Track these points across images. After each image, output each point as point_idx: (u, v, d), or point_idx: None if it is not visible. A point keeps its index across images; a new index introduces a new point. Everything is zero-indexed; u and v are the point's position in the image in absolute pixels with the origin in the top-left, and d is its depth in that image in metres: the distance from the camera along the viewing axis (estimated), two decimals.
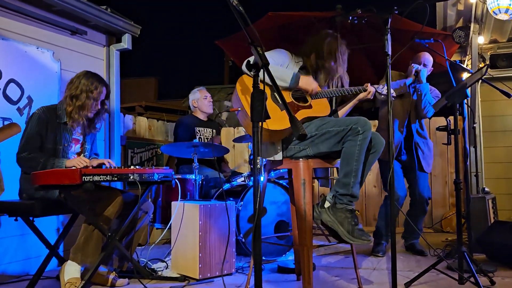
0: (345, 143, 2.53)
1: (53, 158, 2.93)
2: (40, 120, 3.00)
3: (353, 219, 2.49)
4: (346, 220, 2.49)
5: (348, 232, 2.47)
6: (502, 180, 5.80)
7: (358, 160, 2.51)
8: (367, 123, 2.52)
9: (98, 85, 3.07)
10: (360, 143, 2.49)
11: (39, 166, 2.86)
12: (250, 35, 1.87)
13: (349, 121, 2.55)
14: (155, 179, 3.01)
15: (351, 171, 2.51)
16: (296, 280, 3.16)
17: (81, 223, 2.96)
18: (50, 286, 3.11)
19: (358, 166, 2.51)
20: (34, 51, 3.64)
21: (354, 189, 2.53)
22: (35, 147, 2.95)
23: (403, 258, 3.82)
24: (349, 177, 2.52)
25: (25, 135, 2.99)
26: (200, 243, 3.19)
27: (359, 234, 2.45)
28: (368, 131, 2.51)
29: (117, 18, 4.25)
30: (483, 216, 3.99)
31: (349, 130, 2.51)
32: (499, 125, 5.88)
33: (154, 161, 5.49)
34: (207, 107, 4.77)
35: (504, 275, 3.17)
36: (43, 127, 3.00)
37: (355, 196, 2.54)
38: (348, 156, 2.52)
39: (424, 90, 3.86)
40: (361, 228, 2.48)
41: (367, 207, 5.97)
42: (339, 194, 2.54)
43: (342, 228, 2.49)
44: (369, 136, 2.53)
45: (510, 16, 4.20)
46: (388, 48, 2.47)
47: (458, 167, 2.99)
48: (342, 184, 2.54)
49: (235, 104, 2.75)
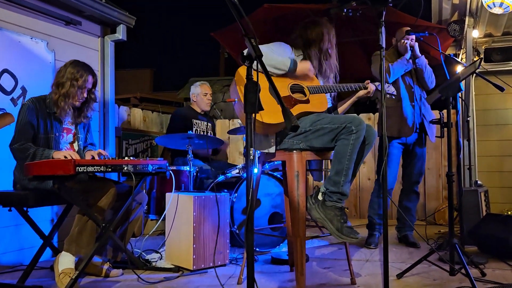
0: (338, 141, 2.55)
1: (43, 149, 2.93)
2: (30, 111, 2.99)
3: (342, 217, 2.52)
4: (335, 217, 2.51)
5: (337, 230, 2.50)
6: (494, 173, 5.84)
7: (350, 159, 2.52)
8: (361, 123, 2.53)
9: (83, 74, 3.06)
10: (353, 143, 2.51)
11: (30, 157, 2.86)
12: (244, 26, 1.87)
13: (343, 119, 2.56)
14: (150, 170, 3.02)
15: (342, 169, 2.53)
16: (289, 271, 3.18)
17: (75, 214, 2.96)
18: (44, 276, 3.12)
19: (350, 165, 2.53)
20: (28, 41, 3.62)
21: (344, 188, 2.55)
22: (27, 138, 2.95)
23: (395, 250, 3.85)
24: (339, 175, 2.53)
25: (17, 127, 2.98)
26: (194, 234, 3.20)
27: (347, 231, 2.48)
28: (362, 131, 2.52)
29: (112, 9, 4.23)
30: (475, 209, 4.02)
31: (343, 129, 2.52)
32: (492, 118, 5.91)
33: (149, 153, 5.50)
34: (205, 104, 4.78)
35: (494, 266, 3.20)
36: (33, 117, 2.99)
37: (344, 195, 2.56)
38: (340, 154, 2.53)
39: (424, 62, 3.90)
40: (350, 226, 2.51)
41: (361, 200, 6.00)
42: (329, 192, 2.56)
43: (331, 225, 2.52)
44: (362, 136, 2.54)
45: (504, 10, 4.22)
46: (382, 41, 2.47)
47: (451, 160, 3.01)
48: (332, 182, 2.56)
49: (233, 94, 2.75)
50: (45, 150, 2.92)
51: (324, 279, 2.96)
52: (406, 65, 3.88)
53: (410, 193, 4.12)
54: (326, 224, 2.53)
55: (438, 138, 3.35)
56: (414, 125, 3.92)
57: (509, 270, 3.09)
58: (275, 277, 3.05)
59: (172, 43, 39.91)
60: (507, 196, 5.77)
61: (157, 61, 35.26)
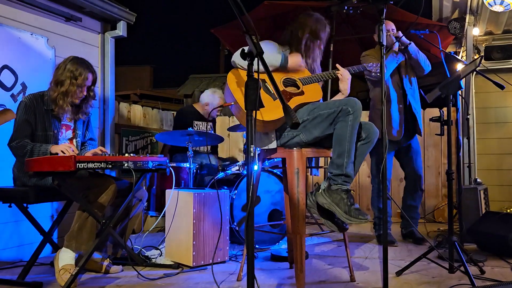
0: (337, 125, 2.55)
1: (40, 144, 2.92)
2: (27, 108, 2.99)
3: (349, 199, 2.51)
4: (342, 201, 2.50)
5: (345, 213, 2.48)
6: (494, 171, 5.85)
7: (350, 141, 2.52)
8: (356, 103, 2.53)
9: (83, 72, 3.04)
10: (351, 123, 2.51)
11: (28, 154, 2.87)
12: (245, 24, 1.87)
13: (338, 102, 2.57)
14: (150, 167, 3.02)
15: (344, 151, 2.53)
16: (289, 268, 3.19)
17: (75, 210, 2.96)
18: (44, 272, 3.13)
19: (351, 146, 2.53)
20: (28, 38, 3.62)
21: (348, 169, 2.54)
22: (25, 135, 2.95)
23: (395, 247, 3.86)
24: (342, 157, 2.53)
25: (14, 125, 2.98)
26: (194, 231, 3.21)
27: (356, 213, 2.46)
28: (359, 111, 2.53)
29: (112, 5, 4.22)
30: (475, 206, 4.03)
31: (339, 112, 2.53)
32: (492, 116, 5.91)
33: (149, 149, 5.50)
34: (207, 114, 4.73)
35: (493, 264, 3.21)
36: (31, 114, 2.99)
37: (349, 176, 2.55)
38: (340, 137, 2.54)
39: (415, 48, 3.89)
40: (357, 208, 2.49)
41: (360, 197, 6.01)
42: (333, 175, 2.56)
43: (338, 209, 2.50)
44: (359, 116, 2.54)
45: (505, 8, 4.21)
46: (383, 38, 2.47)
47: (450, 158, 3.01)
48: (335, 165, 2.55)
49: (228, 98, 2.75)
50: (42, 145, 2.91)
51: (324, 276, 2.97)
52: (396, 57, 3.85)
53: (415, 190, 4.11)
54: (334, 209, 2.52)
55: (437, 136, 3.35)
56: (402, 127, 3.92)
57: (508, 268, 3.10)
58: (275, 273, 3.06)
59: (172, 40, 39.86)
60: (506, 194, 5.78)
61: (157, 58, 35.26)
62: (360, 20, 4.06)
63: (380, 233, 4.05)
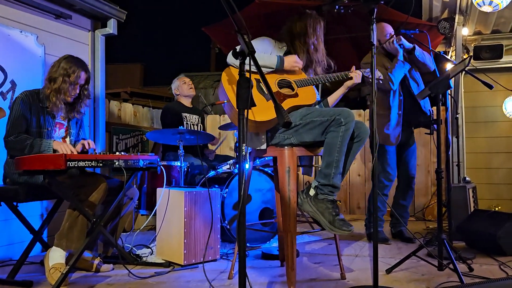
0: (328, 134, 2.56)
1: (40, 139, 2.92)
2: (23, 103, 2.98)
3: (334, 210, 2.52)
4: (327, 210, 2.52)
5: (329, 222, 2.50)
6: (482, 170, 5.92)
7: (340, 151, 2.53)
8: (350, 115, 2.54)
9: (76, 69, 3.05)
10: (342, 134, 2.52)
11: (27, 147, 2.86)
12: (236, 22, 1.87)
13: (332, 111, 2.57)
14: (141, 165, 3.01)
15: (332, 161, 2.54)
16: (280, 266, 3.20)
17: (66, 209, 2.95)
18: (34, 271, 3.11)
19: (340, 157, 2.54)
20: (18, 35, 3.59)
21: (335, 180, 2.55)
22: (21, 130, 2.94)
23: (385, 245, 3.89)
24: (330, 168, 2.54)
25: (10, 120, 2.97)
26: (185, 229, 3.21)
27: (340, 224, 2.48)
28: (351, 123, 2.54)
29: (103, 3, 4.20)
30: (464, 204, 4.08)
31: (332, 121, 2.54)
32: (481, 116, 5.98)
33: (140, 148, 5.48)
34: (187, 90, 4.85)
35: (482, 262, 3.25)
36: (27, 110, 2.98)
37: (336, 187, 2.57)
38: (330, 146, 2.55)
39: (420, 50, 3.91)
40: (342, 218, 2.50)
41: (351, 196, 6.04)
42: (320, 185, 2.57)
43: (323, 218, 2.52)
44: (351, 128, 2.55)
45: (493, 8, 4.25)
46: (374, 38, 2.48)
47: (440, 156, 3.04)
48: (323, 175, 2.57)
49: (221, 96, 2.75)
50: (42, 140, 2.91)
51: (315, 274, 2.98)
52: (403, 67, 3.88)
53: (406, 190, 4.14)
54: (318, 217, 2.54)
55: (427, 135, 3.38)
56: (400, 134, 3.94)
57: (496, 265, 3.14)
58: (266, 272, 3.07)
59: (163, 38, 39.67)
60: (494, 192, 5.86)
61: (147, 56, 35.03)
62: (352, 20, 4.07)
63: (371, 231, 4.07)
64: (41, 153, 2.82)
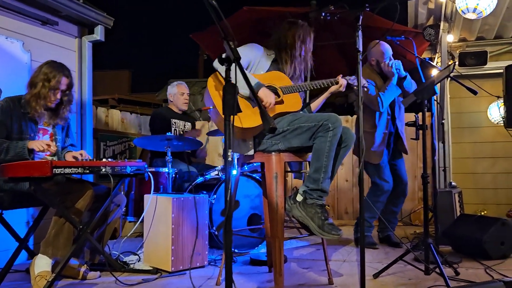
0: (316, 139, 2.58)
1: (16, 141, 2.89)
2: (3, 111, 2.96)
3: (323, 214, 2.53)
4: (316, 215, 2.53)
5: (318, 227, 2.51)
6: (468, 175, 5.98)
7: (328, 156, 2.55)
8: (337, 120, 2.56)
9: (56, 74, 3.02)
10: (331, 140, 2.54)
11: (3, 151, 2.83)
12: (223, 29, 1.88)
13: (320, 117, 2.59)
14: (128, 172, 3.00)
15: (321, 166, 2.55)
16: (268, 272, 3.20)
17: (52, 216, 2.92)
18: (19, 279, 3.07)
19: (328, 162, 2.56)
20: (3, 41, 3.56)
21: (324, 185, 2.57)
22: (2, 137, 2.92)
23: (373, 250, 3.90)
24: (319, 172, 2.56)
25: None
26: (173, 236, 3.20)
27: (329, 228, 2.49)
28: (339, 128, 2.56)
29: (89, 9, 4.19)
30: (450, 209, 4.11)
31: (320, 126, 2.55)
32: (466, 121, 6.05)
33: (127, 154, 5.46)
34: (181, 104, 4.77)
35: (468, 266, 3.28)
36: (7, 117, 2.96)
37: (325, 191, 2.58)
38: (319, 152, 2.56)
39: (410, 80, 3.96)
40: (331, 223, 2.52)
41: (338, 201, 6.07)
42: (309, 190, 2.59)
43: (312, 223, 2.53)
44: (339, 133, 2.57)
45: (478, 16, 4.32)
46: (359, 45, 2.51)
47: (426, 162, 3.07)
48: (312, 180, 2.58)
49: (207, 102, 2.76)
50: (18, 142, 2.88)
51: (303, 280, 2.99)
52: (395, 92, 3.91)
53: (399, 197, 4.14)
54: (307, 222, 2.54)
55: (413, 140, 3.41)
56: (383, 152, 3.97)
57: (482, 269, 3.17)
58: (254, 277, 3.07)
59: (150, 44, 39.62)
60: (480, 197, 5.92)
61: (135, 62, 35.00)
62: (338, 26, 4.11)
63: (358, 236, 4.09)
64: (17, 154, 2.80)
